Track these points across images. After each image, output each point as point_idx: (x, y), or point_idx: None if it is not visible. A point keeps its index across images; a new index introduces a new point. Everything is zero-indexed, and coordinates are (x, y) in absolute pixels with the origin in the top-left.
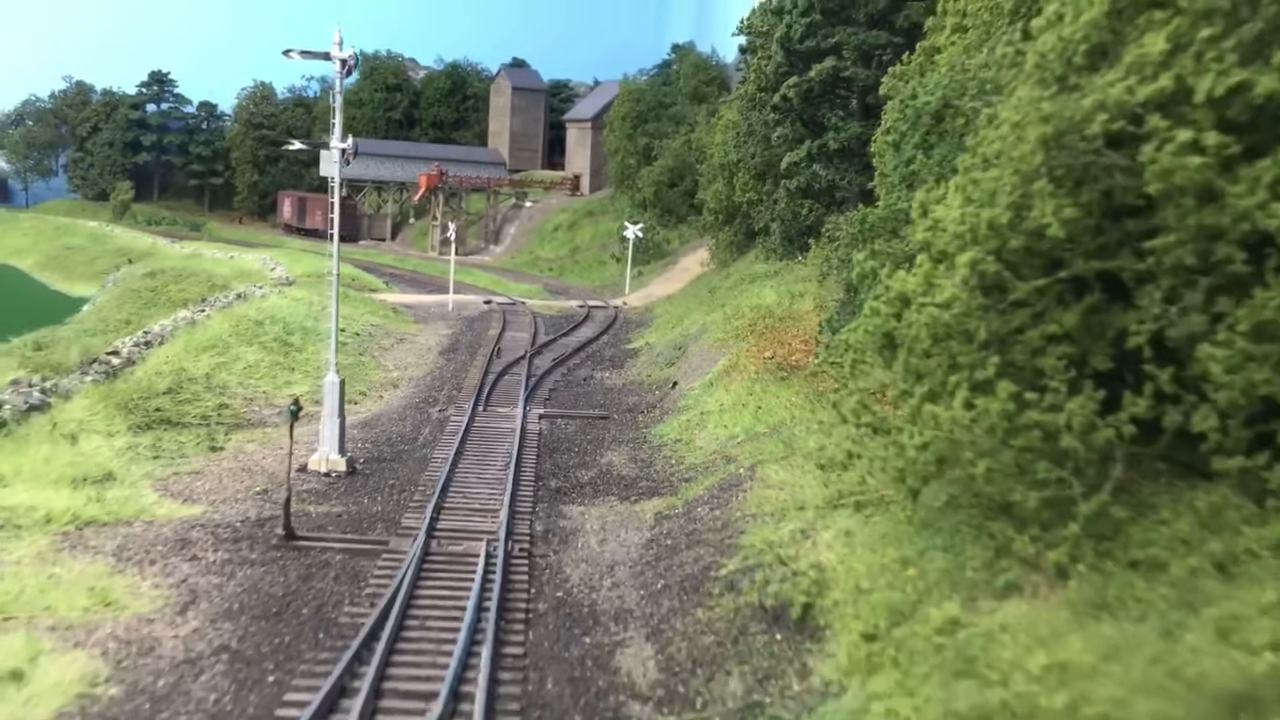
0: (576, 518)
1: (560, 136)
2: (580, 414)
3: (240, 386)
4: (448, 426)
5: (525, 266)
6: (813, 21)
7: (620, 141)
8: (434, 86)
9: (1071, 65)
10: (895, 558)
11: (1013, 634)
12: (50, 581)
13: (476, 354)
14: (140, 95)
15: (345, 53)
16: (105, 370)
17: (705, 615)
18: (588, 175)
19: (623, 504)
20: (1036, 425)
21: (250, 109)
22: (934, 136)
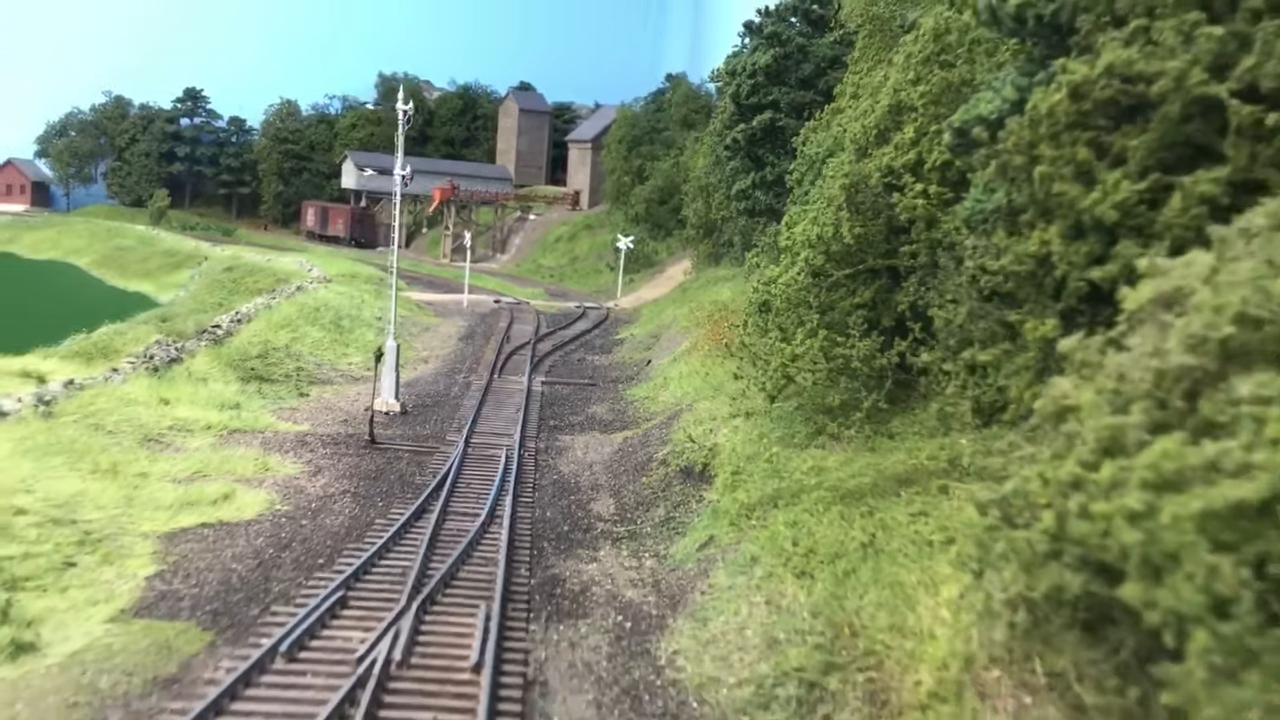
0: (567, 441)
1: (562, 155)
2: (573, 381)
3: (310, 355)
4: (472, 387)
5: (529, 273)
6: (757, 83)
7: (616, 162)
8: (447, 106)
9: (868, 142)
10: (755, 435)
11: (803, 461)
12: (225, 457)
13: (490, 340)
14: (175, 110)
15: (408, 105)
16: (213, 338)
17: (646, 480)
18: (587, 192)
19: (601, 434)
20: (841, 356)
21: (277, 124)
22: (815, 175)
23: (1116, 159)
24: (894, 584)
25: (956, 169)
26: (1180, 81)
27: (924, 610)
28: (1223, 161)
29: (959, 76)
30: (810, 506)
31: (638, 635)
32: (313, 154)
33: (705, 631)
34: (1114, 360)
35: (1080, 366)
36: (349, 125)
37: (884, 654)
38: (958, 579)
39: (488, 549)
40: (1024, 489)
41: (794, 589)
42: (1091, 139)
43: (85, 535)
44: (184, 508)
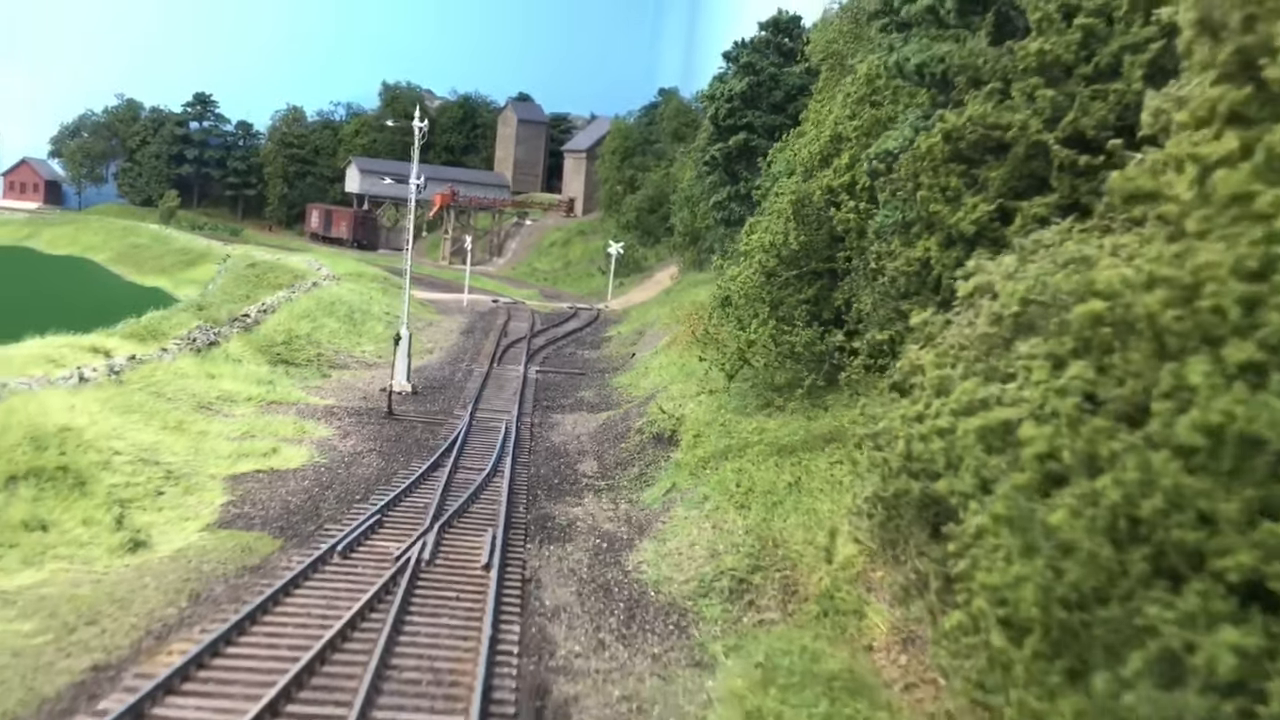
0: (559, 418)
1: (558, 164)
2: (564, 371)
3: (329, 343)
4: (474, 374)
5: (524, 276)
6: (733, 106)
7: (610, 171)
8: (447, 115)
9: (813, 165)
10: (715, 407)
11: (750, 424)
12: (267, 422)
13: (489, 335)
14: (185, 113)
15: (423, 123)
16: (243, 325)
17: (624, 446)
18: (581, 199)
19: (588, 413)
20: (788, 343)
21: (283, 130)
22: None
23: (981, 186)
24: (810, 511)
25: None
26: (1024, 130)
27: (829, 527)
28: (1052, 191)
29: (885, 114)
30: (752, 458)
31: (611, 552)
32: (317, 158)
33: (663, 548)
34: (948, 332)
35: (927, 338)
36: (353, 131)
37: (797, 559)
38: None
39: (492, 493)
40: (889, 426)
41: (734, 516)
42: (963, 170)
43: (168, 473)
44: (240, 457)
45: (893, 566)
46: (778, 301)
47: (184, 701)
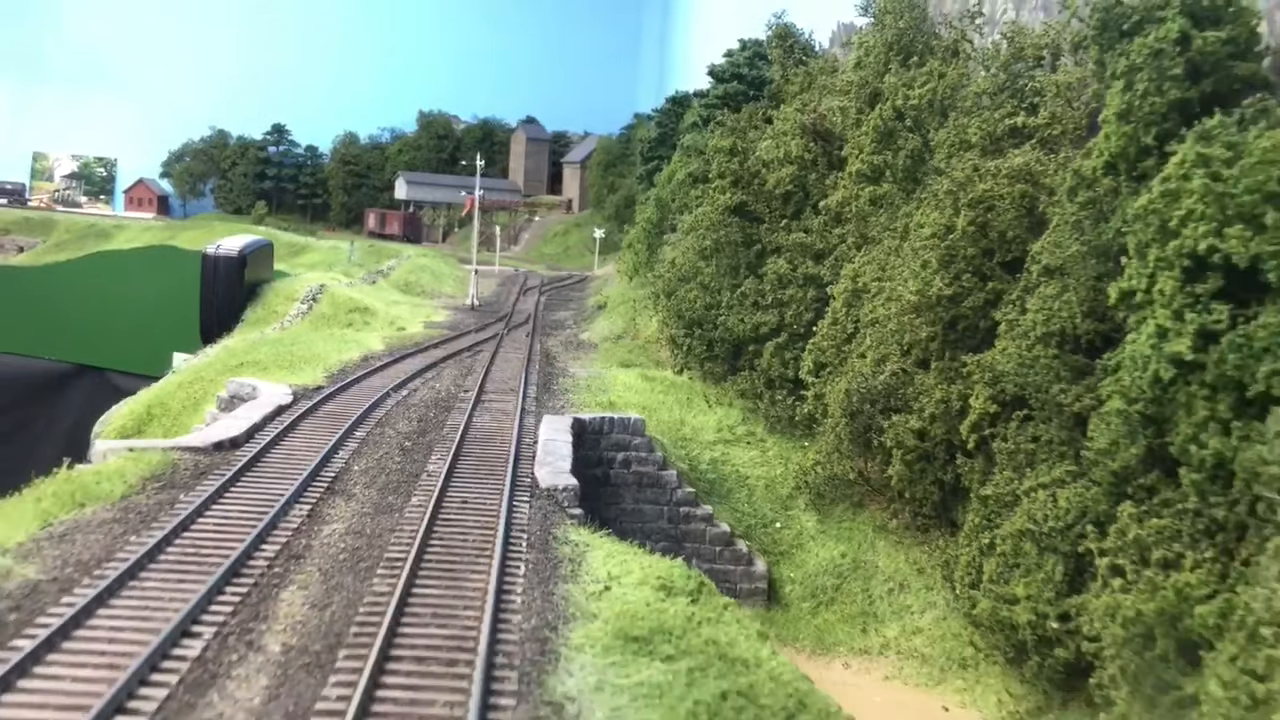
0: (555, 313)
1: (559, 172)
2: (560, 298)
3: (429, 285)
4: (509, 299)
5: (535, 258)
6: (651, 145)
7: (596, 178)
8: (470, 136)
9: (677, 195)
10: (622, 290)
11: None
12: (394, 317)
13: (515, 284)
14: (265, 140)
15: (482, 161)
16: (383, 274)
17: (582, 313)
18: (577, 200)
19: (569, 310)
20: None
21: (342, 151)
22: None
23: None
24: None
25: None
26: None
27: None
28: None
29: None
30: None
31: (573, 337)
32: (369, 172)
33: (592, 329)
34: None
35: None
36: (396, 150)
37: (641, 331)
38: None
39: (526, 328)
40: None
41: (625, 317)
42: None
43: (395, 316)
44: (418, 314)
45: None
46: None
47: (437, 358)
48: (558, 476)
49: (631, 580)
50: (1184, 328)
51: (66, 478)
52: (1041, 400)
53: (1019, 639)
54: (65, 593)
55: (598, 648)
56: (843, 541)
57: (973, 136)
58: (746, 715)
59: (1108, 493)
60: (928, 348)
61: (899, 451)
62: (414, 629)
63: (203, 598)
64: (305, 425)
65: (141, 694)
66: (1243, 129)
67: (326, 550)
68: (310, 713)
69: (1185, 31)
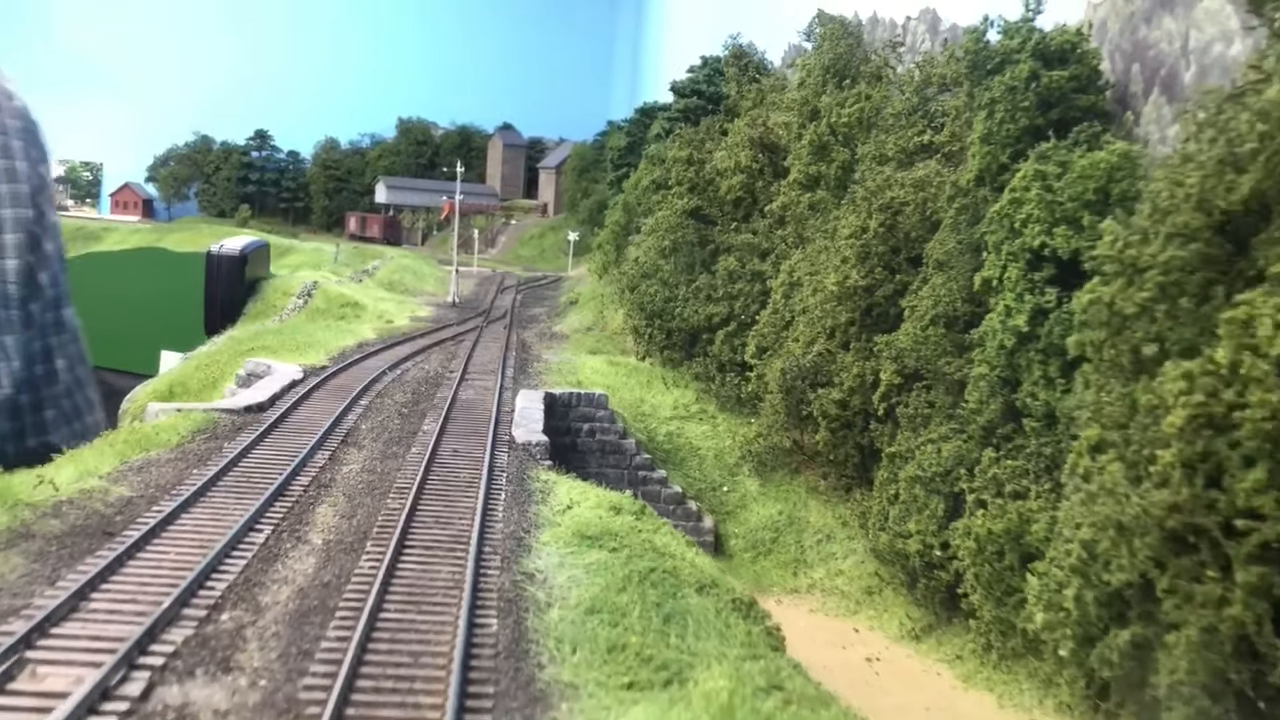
0: (532, 315)
1: (534, 177)
2: (534, 297)
3: (410, 283)
4: (487, 296)
5: (511, 260)
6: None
7: (570, 183)
8: (449, 142)
9: (643, 200)
10: (593, 289)
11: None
12: (382, 312)
13: (492, 284)
14: (248, 146)
15: (461, 168)
16: (369, 273)
17: (556, 310)
18: (552, 204)
19: (543, 323)
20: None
21: (323, 156)
22: None
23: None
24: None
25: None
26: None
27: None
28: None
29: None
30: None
31: (547, 330)
32: (350, 177)
33: (563, 322)
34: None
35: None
36: (376, 156)
37: (609, 324)
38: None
39: (504, 323)
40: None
41: (595, 311)
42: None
43: (384, 310)
44: (402, 310)
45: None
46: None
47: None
48: (531, 434)
49: (588, 504)
50: (1023, 307)
51: (132, 430)
52: (932, 371)
53: (911, 566)
54: (153, 504)
55: (560, 542)
56: (780, 501)
57: (889, 151)
58: (668, 582)
59: (977, 443)
60: (847, 331)
61: (824, 420)
62: (421, 530)
63: (258, 509)
64: (317, 395)
65: (226, 564)
66: (1072, 150)
67: (347, 481)
68: (351, 576)
69: (1035, 71)
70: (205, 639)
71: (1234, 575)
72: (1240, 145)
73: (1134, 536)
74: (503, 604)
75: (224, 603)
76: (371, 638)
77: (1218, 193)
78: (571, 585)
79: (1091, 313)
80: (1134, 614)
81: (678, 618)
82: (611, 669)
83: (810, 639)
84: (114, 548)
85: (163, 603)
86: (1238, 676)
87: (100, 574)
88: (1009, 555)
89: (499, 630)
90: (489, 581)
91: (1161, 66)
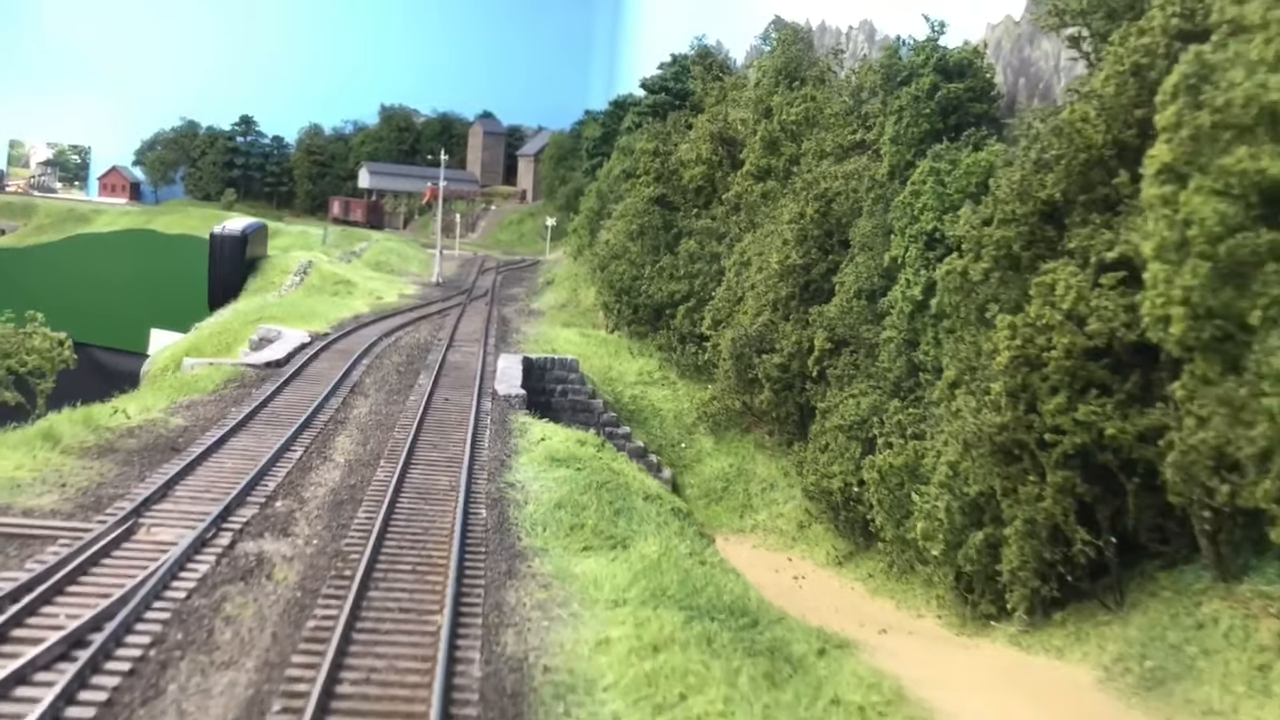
0: (511, 294)
1: (514, 165)
2: (514, 277)
3: (396, 264)
4: (469, 277)
5: (491, 245)
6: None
7: (548, 170)
8: (430, 129)
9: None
10: (569, 268)
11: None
12: (373, 289)
13: (474, 266)
14: (233, 131)
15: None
16: (356, 254)
17: (534, 289)
18: (531, 190)
19: (521, 301)
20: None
21: (307, 141)
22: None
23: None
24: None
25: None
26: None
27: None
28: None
29: None
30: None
31: (526, 307)
32: (333, 162)
33: (540, 299)
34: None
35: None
36: (359, 142)
37: (583, 302)
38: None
39: (486, 300)
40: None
41: (570, 289)
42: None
43: (374, 287)
44: (392, 288)
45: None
46: (619, 261)
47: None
48: (511, 388)
49: (559, 438)
50: (919, 280)
51: (175, 377)
52: (855, 337)
53: (834, 501)
54: (205, 431)
55: (534, 463)
56: (731, 456)
57: (828, 147)
58: (620, 490)
59: (887, 395)
60: (788, 304)
61: (768, 383)
62: (424, 453)
63: (290, 436)
64: (325, 356)
65: (272, 472)
66: (961, 150)
67: (359, 420)
68: (371, 481)
69: (936, 83)
70: (266, 516)
71: (1046, 479)
72: (1046, 153)
73: (976, 451)
74: (490, 501)
75: (276, 495)
76: (391, 518)
77: (1034, 188)
78: (543, 490)
79: (948, 280)
80: (986, 517)
81: (625, 512)
82: (571, 540)
83: (749, 566)
84: (183, 459)
85: (231, 492)
86: (1051, 556)
87: (179, 474)
88: (906, 484)
89: (488, 517)
90: (479, 487)
91: (1040, 80)
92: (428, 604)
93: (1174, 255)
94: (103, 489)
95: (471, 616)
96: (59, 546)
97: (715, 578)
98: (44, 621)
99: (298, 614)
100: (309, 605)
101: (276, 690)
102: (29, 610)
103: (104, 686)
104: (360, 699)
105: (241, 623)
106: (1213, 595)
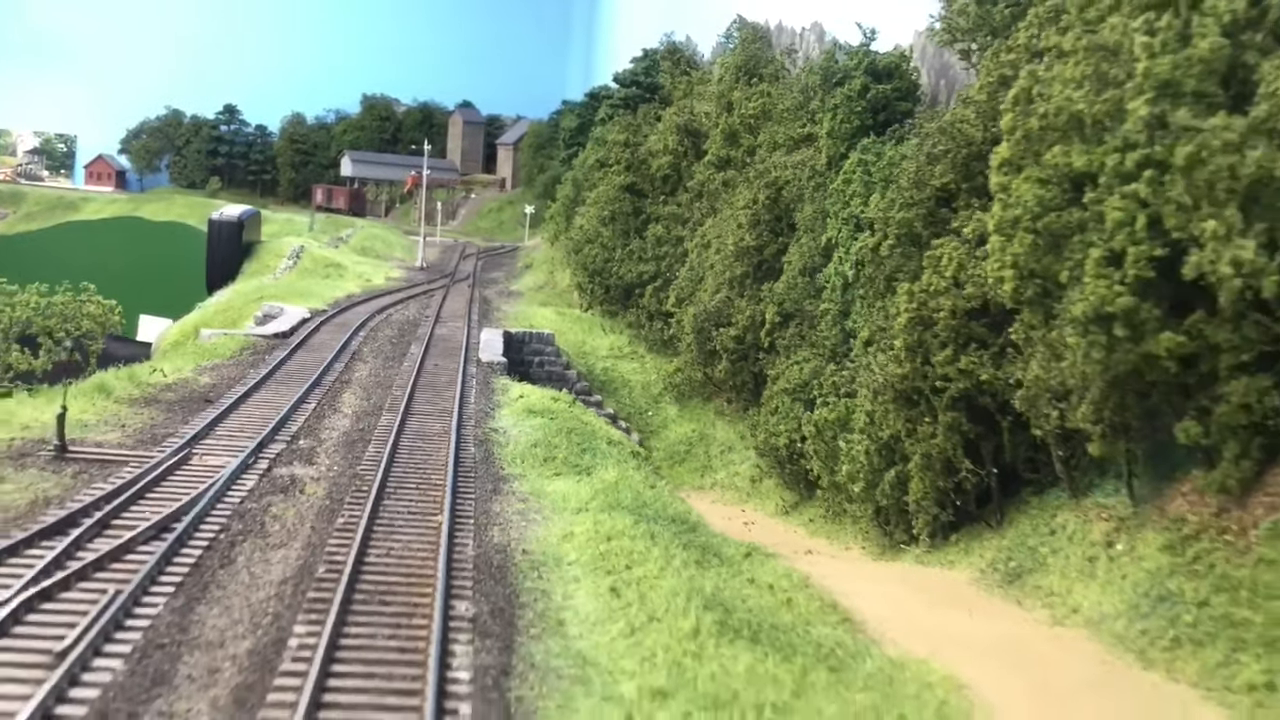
0: (492, 278)
1: (493, 153)
2: (493, 262)
3: (381, 249)
4: (453, 262)
5: (471, 231)
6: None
7: (527, 159)
8: (411, 118)
9: (589, 177)
10: (546, 252)
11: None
12: (361, 272)
13: (455, 252)
14: (217, 120)
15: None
16: (343, 240)
17: (514, 272)
18: (510, 178)
19: (501, 284)
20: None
21: (290, 130)
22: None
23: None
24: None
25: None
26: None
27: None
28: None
29: None
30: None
31: (506, 288)
32: (316, 151)
33: (520, 281)
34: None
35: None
36: (341, 131)
37: (560, 285)
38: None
39: (469, 283)
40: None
41: (547, 273)
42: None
43: (363, 270)
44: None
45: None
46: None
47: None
48: (494, 357)
49: (535, 396)
50: (849, 257)
51: (195, 345)
52: (799, 310)
53: (780, 457)
54: (230, 388)
55: (514, 415)
56: (693, 422)
57: (780, 139)
58: (587, 435)
59: (825, 360)
60: (742, 282)
61: (725, 354)
62: (419, 406)
63: (304, 393)
64: (325, 329)
65: (292, 419)
66: (885, 144)
67: (361, 381)
68: (376, 427)
69: (866, 84)
70: (293, 450)
71: (939, 419)
72: (935, 148)
73: (883, 398)
74: (476, 442)
75: (299, 435)
76: (396, 453)
77: (927, 177)
78: (521, 434)
79: (862, 254)
80: (896, 457)
81: (590, 450)
82: (545, 469)
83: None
84: (217, 408)
85: (263, 431)
86: (945, 486)
87: (217, 419)
88: (838, 436)
89: (475, 453)
90: (467, 432)
91: (958, 82)
92: (430, 510)
93: (1009, 230)
94: (155, 429)
95: (465, 519)
96: (132, 467)
97: (663, 497)
98: (136, 514)
99: (329, 515)
100: (337, 509)
101: (320, 559)
102: (122, 508)
103: (191, 555)
104: (383, 568)
105: (286, 520)
106: (1065, 508)
